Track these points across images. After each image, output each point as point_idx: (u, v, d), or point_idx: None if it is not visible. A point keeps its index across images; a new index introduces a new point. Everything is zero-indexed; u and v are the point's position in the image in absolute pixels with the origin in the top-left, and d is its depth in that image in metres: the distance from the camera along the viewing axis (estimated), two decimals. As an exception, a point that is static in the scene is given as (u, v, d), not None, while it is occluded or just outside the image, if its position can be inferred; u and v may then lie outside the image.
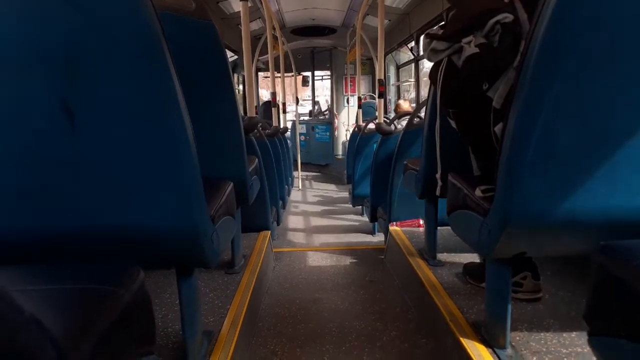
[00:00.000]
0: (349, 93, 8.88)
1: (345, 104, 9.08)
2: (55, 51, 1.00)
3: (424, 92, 5.98)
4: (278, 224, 4.08)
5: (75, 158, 1.07)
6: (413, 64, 6.38)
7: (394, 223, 3.07)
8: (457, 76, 1.48)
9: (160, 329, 1.65)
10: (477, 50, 1.36)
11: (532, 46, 1.07)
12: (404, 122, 3.59)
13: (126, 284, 0.84)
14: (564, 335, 1.53)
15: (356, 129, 5.76)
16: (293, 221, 4.89)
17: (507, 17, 1.33)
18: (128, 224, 1.14)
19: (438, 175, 1.94)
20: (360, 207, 5.02)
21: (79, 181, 1.09)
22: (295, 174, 7.36)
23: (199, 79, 1.71)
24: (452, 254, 2.35)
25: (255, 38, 6.48)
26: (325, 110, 10.34)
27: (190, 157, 1.12)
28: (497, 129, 1.37)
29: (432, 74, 1.65)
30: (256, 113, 3.08)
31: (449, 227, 1.74)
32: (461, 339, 1.54)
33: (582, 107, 1.09)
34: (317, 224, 4.74)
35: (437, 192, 1.97)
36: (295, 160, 7.57)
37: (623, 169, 1.12)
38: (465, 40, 1.40)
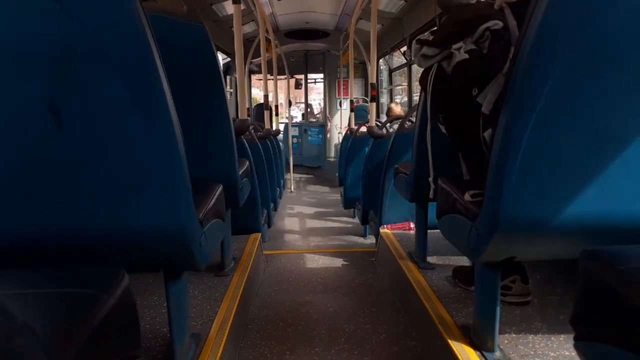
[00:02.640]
0: (342, 96, 8.88)
1: (338, 107, 9.08)
2: (44, 51, 0.99)
3: (417, 97, 6.00)
4: (269, 226, 4.07)
5: (62, 159, 1.06)
6: (406, 68, 6.40)
7: (385, 226, 3.07)
8: (446, 82, 1.49)
9: (148, 332, 1.64)
10: (466, 56, 1.37)
11: (522, 52, 1.08)
12: (395, 126, 3.60)
13: (110, 288, 0.83)
14: (552, 338, 1.54)
15: (348, 132, 5.76)
16: (284, 223, 4.88)
17: (496, 23, 1.34)
18: (115, 226, 1.14)
19: (431, 179, 1.95)
20: (351, 209, 5.02)
21: (66, 183, 1.08)
22: (287, 176, 7.35)
23: (189, 81, 1.70)
24: (442, 257, 2.36)
25: (249, 41, 6.47)
26: (318, 113, 10.34)
27: (179, 159, 1.11)
28: (487, 134, 1.38)
29: (422, 79, 1.66)
30: (248, 115, 3.08)
31: (439, 231, 1.75)
32: (450, 342, 1.54)
33: (571, 113, 1.10)
34: (308, 226, 4.73)
35: (431, 195, 1.97)
36: (288, 163, 7.56)
37: (612, 175, 1.13)
38: (455, 46, 1.41)
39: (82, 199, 1.10)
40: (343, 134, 7.24)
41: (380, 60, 7.65)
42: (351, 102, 5.85)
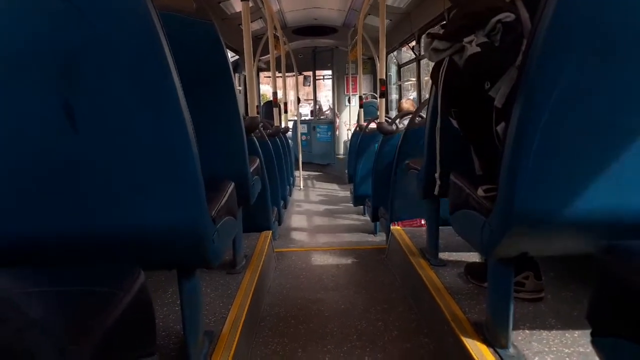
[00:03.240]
0: (351, 92, 8.87)
1: (347, 103, 9.07)
2: (56, 52, 1.00)
3: (426, 92, 5.97)
4: (280, 224, 4.08)
5: (76, 159, 1.07)
6: (415, 64, 6.37)
7: (396, 223, 3.06)
8: (458, 76, 1.48)
9: (162, 330, 1.65)
10: (478, 49, 1.35)
11: (534, 45, 1.07)
12: (405, 122, 3.59)
13: (127, 286, 0.83)
14: (567, 335, 1.53)
15: (357, 128, 5.76)
16: (295, 221, 4.89)
17: (508, 16, 1.32)
18: (129, 224, 1.14)
19: (437, 175, 1.94)
20: (361, 206, 5.02)
21: (80, 182, 1.09)
22: (296, 173, 7.36)
23: (199, 79, 1.71)
24: (454, 254, 2.35)
25: (257, 38, 6.48)
26: (327, 110, 10.33)
27: (192, 157, 1.11)
28: (499, 128, 1.36)
29: (434, 73, 1.65)
30: (257, 113, 3.08)
31: (451, 227, 1.74)
32: (463, 338, 1.53)
33: (585, 106, 1.08)
34: (318, 224, 4.73)
35: (436, 192, 1.96)
36: (297, 160, 7.57)
37: (627, 168, 1.11)
38: (466, 39, 1.39)
39: (95, 197, 1.11)
40: (352, 130, 7.23)
41: (389, 56, 7.63)
42: (360, 98, 5.84)
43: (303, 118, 10.07)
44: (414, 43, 6.19)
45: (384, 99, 3.50)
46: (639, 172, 1.11)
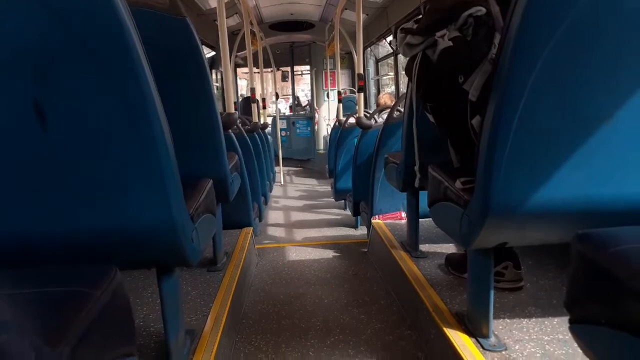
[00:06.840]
0: (329, 87, 8.86)
1: (326, 98, 9.06)
2: (25, 49, 0.96)
3: (404, 86, 5.99)
4: (260, 220, 4.06)
5: (49, 159, 1.04)
6: (392, 58, 6.39)
7: (377, 216, 3.08)
8: (432, 70, 1.48)
9: (142, 329, 1.63)
10: (450, 43, 1.37)
11: (508, 38, 1.08)
12: (384, 116, 3.59)
13: (103, 286, 0.82)
14: (546, 322, 1.56)
15: (337, 123, 5.75)
16: (275, 217, 4.87)
17: (479, 10, 1.34)
18: (106, 224, 1.12)
19: (416, 168, 1.96)
20: (342, 201, 5.02)
21: (53, 183, 1.06)
22: (277, 169, 7.33)
23: (175, 75, 1.67)
24: (435, 246, 2.37)
25: (233, 34, 6.41)
26: (306, 105, 10.31)
27: (168, 155, 1.09)
28: (474, 121, 1.37)
29: (408, 68, 1.65)
30: (235, 109, 3.05)
31: (431, 219, 1.75)
32: (445, 329, 1.55)
33: (559, 97, 1.10)
34: (299, 219, 4.72)
35: (416, 184, 1.98)
36: (277, 156, 7.54)
37: (600, 158, 1.14)
38: (439, 34, 1.40)
39: (71, 198, 1.08)
40: (331, 125, 7.23)
41: (367, 50, 7.64)
42: (339, 93, 5.83)
43: (282, 114, 10.03)
44: (390, 37, 6.19)
45: (362, 94, 3.50)
46: (612, 161, 1.14)
